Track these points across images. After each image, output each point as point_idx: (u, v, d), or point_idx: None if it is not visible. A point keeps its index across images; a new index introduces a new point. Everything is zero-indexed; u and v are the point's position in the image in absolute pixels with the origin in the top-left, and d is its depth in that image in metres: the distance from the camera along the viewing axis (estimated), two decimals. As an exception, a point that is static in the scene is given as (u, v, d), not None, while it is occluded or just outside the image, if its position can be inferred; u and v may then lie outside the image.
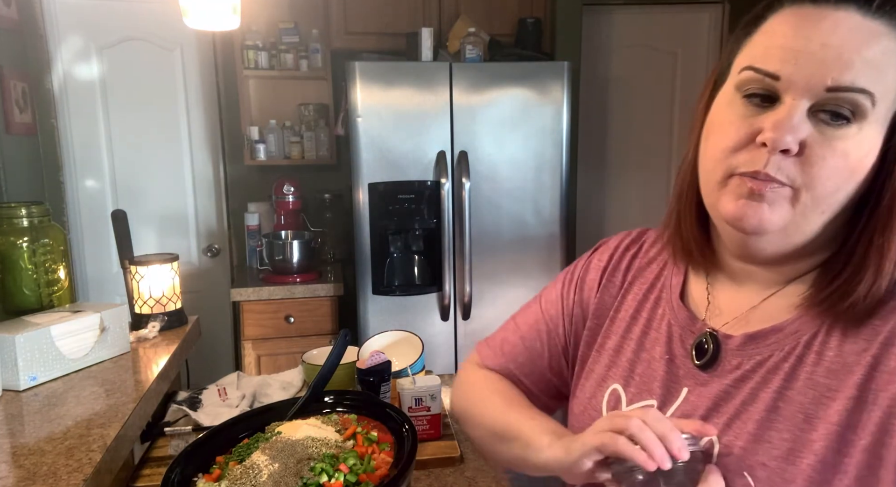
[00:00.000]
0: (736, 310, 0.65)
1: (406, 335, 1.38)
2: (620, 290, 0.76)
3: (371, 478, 0.72)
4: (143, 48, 2.86)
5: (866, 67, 0.52)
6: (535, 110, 2.42)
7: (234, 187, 3.07)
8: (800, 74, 0.53)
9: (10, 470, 0.88)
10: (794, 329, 0.60)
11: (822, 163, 0.53)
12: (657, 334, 0.70)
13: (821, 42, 0.53)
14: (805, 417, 0.56)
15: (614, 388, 0.71)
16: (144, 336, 1.45)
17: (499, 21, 2.79)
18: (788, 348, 0.59)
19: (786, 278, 0.62)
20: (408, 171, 2.39)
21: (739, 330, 0.63)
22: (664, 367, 0.67)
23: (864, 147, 0.53)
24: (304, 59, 2.85)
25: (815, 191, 0.54)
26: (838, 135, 0.53)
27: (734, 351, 0.62)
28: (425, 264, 2.49)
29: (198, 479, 0.74)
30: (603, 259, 0.80)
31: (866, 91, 0.52)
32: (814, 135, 0.53)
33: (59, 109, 2.79)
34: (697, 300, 0.69)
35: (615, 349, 0.73)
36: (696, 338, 0.66)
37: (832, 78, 0.52)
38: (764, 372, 0.59)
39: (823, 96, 0.53)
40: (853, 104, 0.52)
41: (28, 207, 1.36)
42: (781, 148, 0.53)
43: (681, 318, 0.68)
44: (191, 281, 2.81)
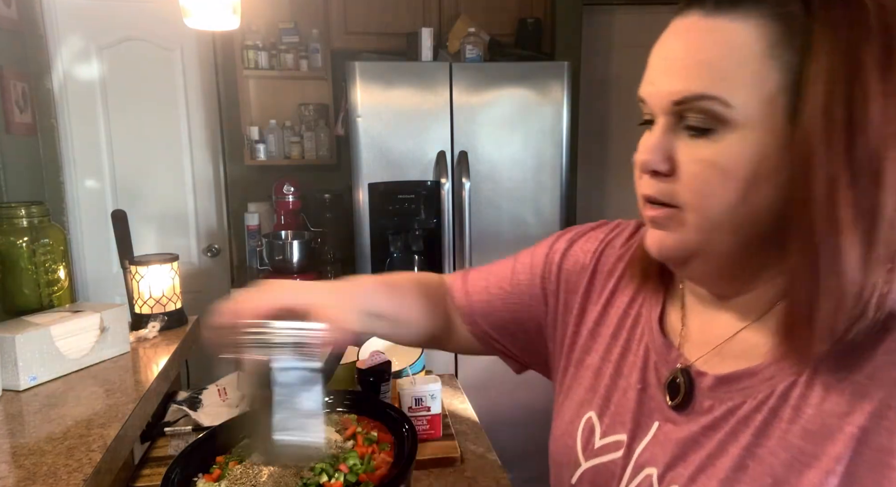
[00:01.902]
0: (709, 341, 0.59)
1: (406, 335, 1.38)
2: (603, 300, 0.70)
3: (371, 478, 0.72)
4: (143, 48, 2.87)
5: (701, 70, 0.48)
6: (534, 110, 2.42)
7: (234, 187, 3.07)
8: (653, 93, 0.52)
9: (10, 470, 0.88)
10: (768, 375, 0.53)
11: (693, 178, 0.50)
12: (635, 358, 0.65)
13: (664, 57, 0.52)
14: (773, 482, 0.50)
15: (589, 416, 0.66)
16: (144, 336, 1.45)
17: (499, 21, 2.79)
18: (762, 396, 0.53)
19: (756, 309, 0.56)
20: (408, 171, 2.39)
21: (712, 367, 0.58)
22: (636, 397, 0.63)
23: (740, 152, 0.48)
24: (304, 59, 2.85)
25: (699, 207, 0.51)
26: (706, 145, 0.49)
27: (706, 392, 0.57)
28: (425, 264, 2.49)
29: (198, 479, 0.74)
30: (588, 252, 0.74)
31: (708, 96, 0.48)
32: (684, 150, 0.51)
33: (59, 109, 2.79)
34: (673, 325, 0.64)
35: (595, 371, 0.68)
36: (669, 371, 0.61)
37: (670, 91, 0.50)
38: (735, 422, 0.54)
39: (675, 110, 0.51)
40: (703, 111, 0.49)
41: (28, 207, 1.36)
42: (648, 169, 0.53)
43: (657, 344, 0.63)
44: (191, 281, 2.81)
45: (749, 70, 0.47)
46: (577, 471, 0.65)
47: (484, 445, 1.22)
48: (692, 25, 0.50)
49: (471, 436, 1.25)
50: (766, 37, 0.47)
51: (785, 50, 0.47)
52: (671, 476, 0.56)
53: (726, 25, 0.48)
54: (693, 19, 0.50)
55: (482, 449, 1.20)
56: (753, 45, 0.47)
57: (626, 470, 0.60)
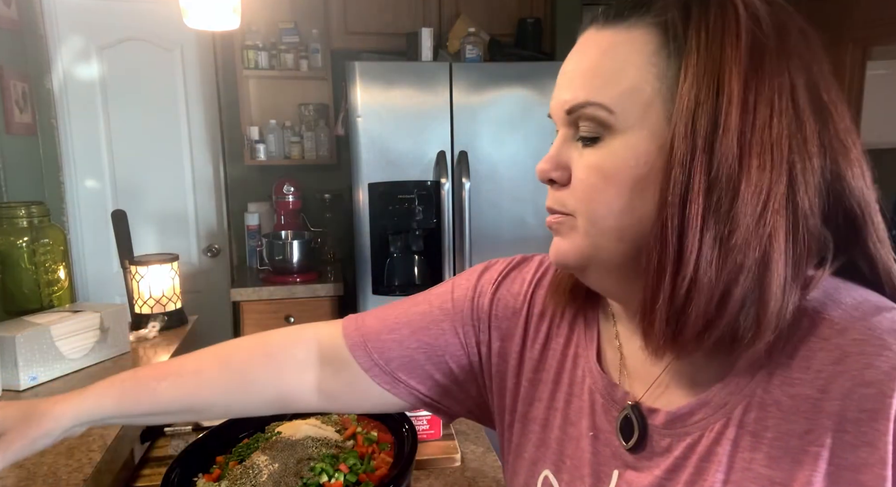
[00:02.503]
0: (650, 373, 0.56)
1: (406, 335, 1.38)
2: (539, 345, 0.65)
3: (371, 478, 0.72)
4: (143, 48, 2.87)
5: (587, 79, 0.50)
6: (535, 110, 2.42)
7: (234, 187, 3.07)
8: (553, 105, 0.54)
9: (10, 470, 0.88)
10: (721, 401, 0.50)
11: (581, 184, 0.51)
12: (580, 402, 0.61)
13: (563, 71, 0.54)
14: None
15: (545, 475, 0.62)
16: (144, 336, 1.45)
17: (499, 21, 2.79)
18: (719, 426, 0.50)
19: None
20: (408, 171, 2.39)
21: (662, 402, 0.55)
22: (590, 445, 0.58)
23: (623, 158, 0.49)
24: (304, 59, 2.85)
25: (588, 213, 0.51)
26: (593, 152, 0.51)
27: (661, 430, 0.54)
28: (425, 264, 2.49)
29: (198, 479, 0.74)
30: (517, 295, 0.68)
31: (591, 103, 0.50)
32: (576, 159, 0.52)
33: (59, 109, 2.79)
34: (611, 360, 0.60)
35: (543, 424, 0.63)
36: (620, 412, 0.57)
37: (563, 101, 0.52)
38: (697, 460, 0.51)
39: (569, 120, 0.52)
40: (590, 118, 0.50)
41: (28, 207, 1.36)
42: (544, 179, 0.55)
43: (600, 384, 0.59)
44: (191, 281, 2.81)
45: (629, 77, 0.48)
46: None
47: (484, 445, 1.22)
48: (587, 40, 0.52)
49: (471, 436, 1.25)
50: (647, 45, 0.48)
51: (663, 57, 0.48)
52: None
53: (613, 37, 0.50)
54: (589, 34, 0.52)
55: (482, 449, 1.20)
56: (635, 53, 0.49)
57: None
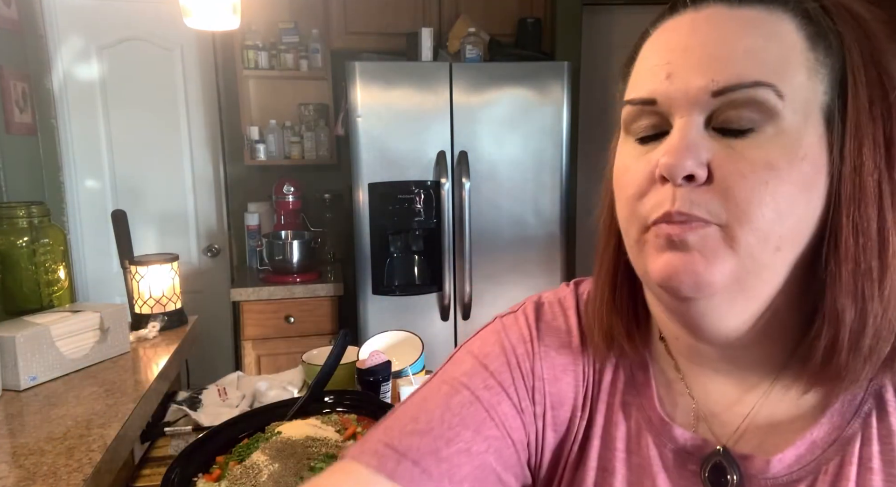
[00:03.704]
0: (734, 414, 0.49)
1: (406, 335, 1.38)
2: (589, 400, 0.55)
3: (371, 478, 0.71)
4: (143, 48, 2.86)
5: (749, 57, 0.42)
6: (535, 110, 2.42)
7: (234, 187, 3.07)
8: (675, 88, 0.43)
9: (10, 470, 0.88)
10: (829, 439, 0.45)
11: (744, 182, 0.41)
12: (641, 460, 0.51)
13: (684, 47, 0.44)
14: None
15: None
16: (144, 336, 1.45)
17: (499, 21, 2.79)
18: (833, 467, 0.45)
19: (780, 353, 0.48)
20: (408, 171, 2.39)
21: (754, 446, 0.48)
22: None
23: (795, 151, 0.42)
24: (304, 59, 2.85)
25: (752, 221, 0.41)
26: (751, 143, 0.42)
27: (761, 480, 0.47)
28: (425, 264, 2.49)
29: (198, 479, 0.74)
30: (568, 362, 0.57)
31: (762, 83, 0.41)
32: (722, 152, 0.42)
33: (59, 109, 2.79)
34: (676, 401, 0.52)
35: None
36: (702, 460, 0.49)
37: (712, 80, 0.42)
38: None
39: (713, 103, 0.43)
40: (754, 102, 0.42)
41: (28, 207, 1.36)
42: (683, 174, 0.42)
43: (669, 436, 0.51)
44: (191, 281, 2.81)
45: (796, 64, 0.42)
46: None
47: (484, 445, 1.22)
48: (717, 15, 0.44)
49: (471, 436, 1.25)
50: (797, 30, 0.43)
51: (822, 51, 0.43)
52: None
53: (760, 14, 0.43)
54: (716, 10, 0.44)
55: (482, 449, 1.20)
56: (793, 37, 0.43)
57: None
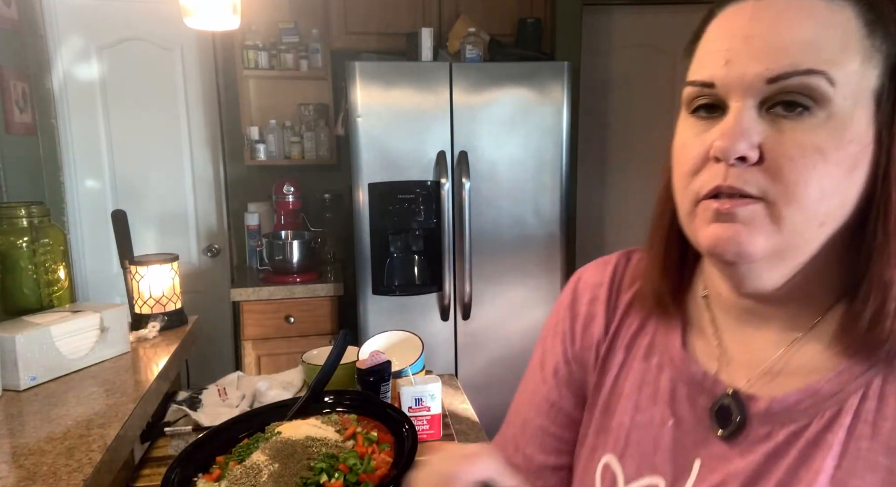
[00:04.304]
0: (756, 362, 0.54)
1: (406, 335, 1.38)
2: (609, 335, 0.64)
3: (371, 478, 0.71)
4: (143, 48, 2.87)
5: (804, 47, 0.45)
6: (535, 110, 2.42)
7: (234, 187, 3.07)
8: (733, 74, 0.47)
9: (10, 470, 0.88)
10: (833, 389, 0.49)
11: (792, 164, 0.45)
12: (653, 390, 0.58)
13: (744, 35, 0.47)
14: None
15: (607, 462, 0.59)
16: (144, 336, 1.45)
17: (499, 21, 2.79)
18: (830, 414, 0.49)
19: (809, 315, 0.52)
20: (408, 171, 2.39)
21: (764, 390, 0.53)
22: (669, 434, 0.56)
23: (843, 135, 0.45)
24: (304, 59, 2.85)
25: (798, 199, 0.46)
26: (802, 127, 0.45)
27: (762, 417, 0.52)
28: (425, 264, 2.49)
29: (198, 479, 0.74)
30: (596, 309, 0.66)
31: (814, 71, 0.44)
32: (773, 135, 0.46)
33: (59, 109, 2.79)
34: (704, 348, 0.58)
35: (603, 410, 0.61)
36: (713, 400, 0.55)
37: (767, 68, 0.45)
38: (803, 446, 0.49)
39: (768, 90, 0.46)
40: (806, 88, 0.45)
41: (28, 207, 1.36)
42: (735, 155, 0.46)
43: (687, 372, 0.57)
44: (191, 281, 2.81)
45: (852, 51, 0.45)
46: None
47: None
48: (776, 5, 0.47)
49: (471, 436, 1.25)
50: (860, 19, 0.46)
51: (881, 38, 0.46)
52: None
53: (819, 4, 0.46)
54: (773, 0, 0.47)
55: (482, 449, 1.20)
56: (851, 24, 0.46)
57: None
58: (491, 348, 2.55)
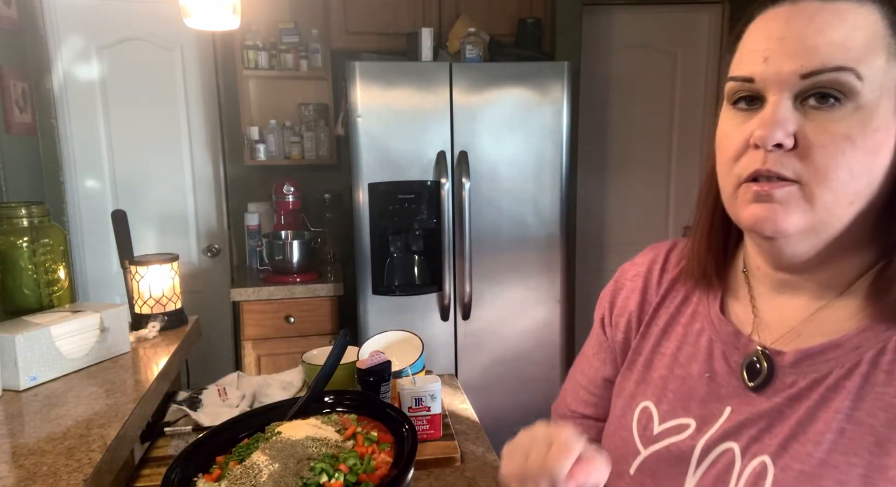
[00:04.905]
0: (785, 324, 0.61)
1: (406, 335, 1.38)
2: (652, 307, 0.73)
3: (371, 478, 0.72)
4: (143, 48, 2.87)
5: (834, 46, 0.51)
6: (535, 110, 2.42)
7: (234, 187, 3.07)
8: (770, 71, 0.53)
9: (10, 470, 0.88)
10: (854, 344, 0.55)
11: (823, 150, 0.51)
12: (693, 349, 0.66)
13: (780, 37, 0.54)
14: (876, 441, 0.52)
15: (645, 405, 0.67)
16: (144, 336, 1.45)
17: (499, 21, 2.79)
18: (850, 365, 0.55)
19: (838, 285, 0.58)
20: (408, 171, 2.39)
21: (791, 346, 0.59)
22: (704, 385, 0.63)
23: (869, 123, 0.51)
24: (304, 59, 2.85)
25: (828, 181, 0.52)
26: (832, 118, 0.52)
27: (788, 369, 0.58)
28: (425, 264, 2.49)
29: (198, 479, 0.74)
30: (636, 284, 0.76)
31: (843, 67, 0.51)
32: (807, 125, 0.52)
33: (59, 109, 2.79)
34: (741, 314, 0.65)
35: (645, 365, 0.70)
36: (745, 356, 0.62)
37: (802, 65, 0.52)
38: (823, 391, 0.55)
39: (801, 85, 0.52)
40: (836, 83, 0.51)
41: (28, 207, 1.36)
42: (773, 143, 0.52)
43: (724, 333, 0.65)
44: (191, 281, 2.81)
45: (878, 50, 0.51)
46: (636, 461, 0.65)
47: (484, 445, 1.22)
48: (810, 9, 0.53)
49: (471, 436, 1.25)
50: (885, 21, 0.52)
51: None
52: (757, 447, 0.57)
53: (848, 7, 0.52)
54: (808, 4, 0.53)
55: (482, 449, 1.20)
56: (877, 27, 0.52)
57: (697, 449, 0.61)
58: (491, 348, 2.55)
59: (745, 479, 0.57)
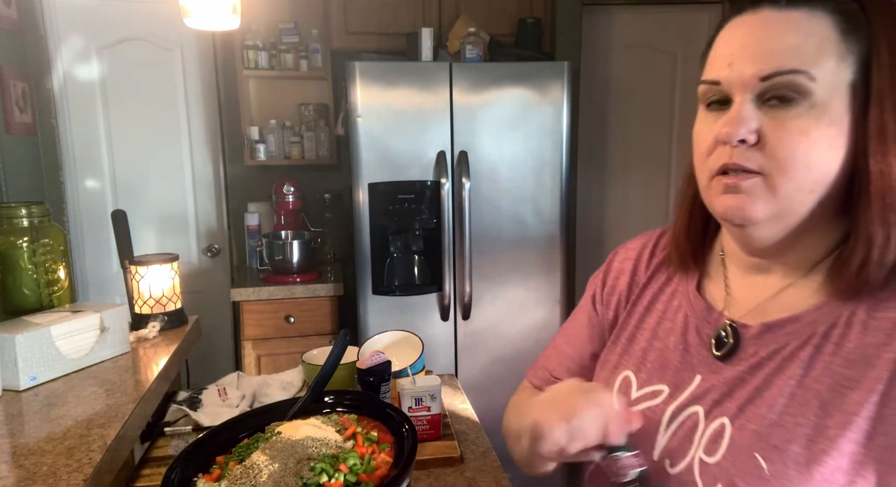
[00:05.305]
0: (753, 301, 0.67)
1: (406, 335, 1.38)
2: (639, 287, 0.80)
3: (371, 478, 0.71)
4: (143, 48, 2.87)
5: (789, 51, 0.57)
6: (535, 110, 2.42)
7: (234, 187, 3.07)
8: (734, 75, 0.60)
9: (10, 470, 0.88)
10: (811, 319, 0.61)
11: (782, 144, 0.57)
12: (672, 324, 0.73)
13: (741, 44, 0.60)
14: (820, 404, 0.58)
15: (626, 375, 0.74)
16: (144, 336, 1.45)
17: (499, 21, 2.79)
18: (805, 337, 0.61)
19: (803, 266, 0.64)
20: (408, 171, 2.39)
21: (757, 320, 0.65)
22: (678, 356, 0.70)
23: (823, 119, 0.57)
24: (304, 59, 2.85)
25: (788, 172, 0.58)
26: (789, 115, 0.57)
27: (751, 340, 0.65)
28: (425, 264, 2.49)
29: (198, 479, 0.74)
30: (626, 266, 0.84)
31: (797, 70, 0.57)
32: (767, 122, 0.58)
33: (59, 109, 2.79)
34: (715, 293, 0.72)
35: (628, 339, 0.77)
36: (715, 329, 0.68)
37: (759, 69, 0.58)
38: (780, 360, 0.62)
39: (761, 87, 0.58)
40: (791, 85, 0.57)
41: (28, 207, 1.36)
42: (737, 139, 0.59)
43: (698, 309, 0.72)
44: (191, 281, 2.81)
45: (828, 53, 0.57)
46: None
47: (484, 445, 1.22)
48: (768, 17, 0.59)
49: (471, 436, 1.25)
50: (835, 27, 0.57)
51: (852, 41, 0.57)
52: (718, 410, 0.64)
53: (801, 16, 0.58)
54: (767, 13, 0.59)
55: (482, 449, 1.20)
56: (828, 33, 0.57)
57: (667, 413, 0.68)
58: (491, 348, 2.55)
59: (706, 438, 0.63)
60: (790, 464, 0.57)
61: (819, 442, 0.57)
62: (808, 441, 0.57)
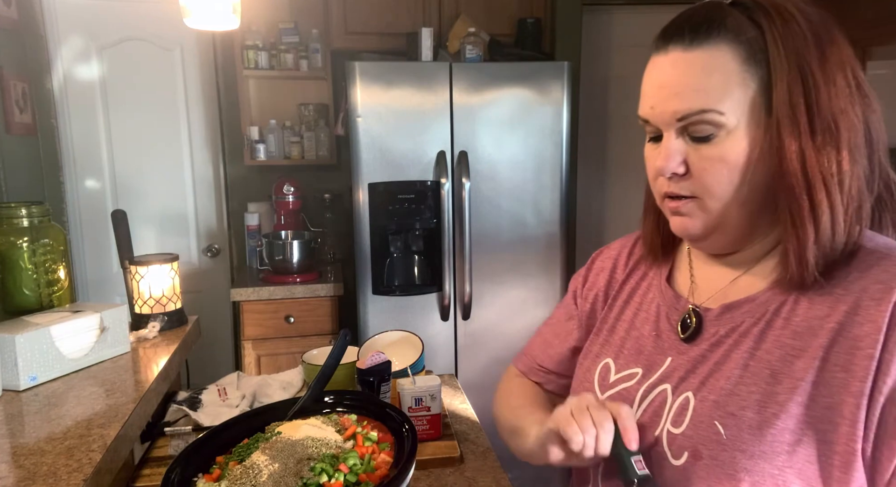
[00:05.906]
0: (714, 287, 0.75)
1: (406, 335, 1.38)
2: (618, 283, 0.88)
3: (371, 478, 0.71)
4: (143, 48, 2.87)
5: (698, 92, 0.64)
6: (535, 110, 2.42)
7: (234, 187, 3.07)
8: (656, 115, 0.68)
9: (10, 470, 0.88)
10: (765, 299, 0.68)
11: (705, 173, 0.65)
12: (647, 314, 0.80)
13: (658, 85, 0.67)
14: (771, 373, 0.64)
15: (606, 362, 0.81)
16: (144, 336, 1.45)
17: (499, 21, 2.79)
18: (759, 314, 0.68)
19: (754, 259, 0.72)
20: (408, 171, 2.39)
21: (716, 303, 0.73)
22: (652, 341, 0.77)
23: (739, 143, 0.64)
24: (304, 59, 2.85)
25: (714, 194, 0.66)
26: (708, 145, 0.65)
27: (712, 321, 0.72)
28: (425, 264, 2.49)
29: (198, 479, 0.74)
30: (606, 264, 0.91)
31: (706, 110, 0.63)
32: (692, 154, 0.66)
33: (59, 109, 2.79)
34: (681, 282, 0.80)
35: (609, 330, 0.84)
36: (681, 315, 0.75)
37: (674, 111, 0.65)
38: (736, 337, 0.68)
39: (679, 125, 0.66)
40: (703, 121, 0.64)
41: (28, 207, 1.36)
42: (668, 173, 0.67)
43: (667, 298, 0.79)
44: (191, 281, 2.81)
45: (732, 84, 0.63)
46: None
47: (484, 445, 1.22)
48: (677, 58, 0.66)
49: (471, 436, 1.25)
50: (736, 57, 0.63)
51: (752, 65, 0.63)
52: (683, 386, 0.70)
53: (704, 55, 0.64)
54: (676, 54, 0.66)
55: (482, 449, 1.20)
56: (730, 65, 0.63)
57: (640, 392, 0.75)
58: (491, 348, 2.55)
59: (673, 411, 0.70)
60: (744, 428, 0.63)
61: (770, 407, 0.62)
62: (760, 407, 0.63)
